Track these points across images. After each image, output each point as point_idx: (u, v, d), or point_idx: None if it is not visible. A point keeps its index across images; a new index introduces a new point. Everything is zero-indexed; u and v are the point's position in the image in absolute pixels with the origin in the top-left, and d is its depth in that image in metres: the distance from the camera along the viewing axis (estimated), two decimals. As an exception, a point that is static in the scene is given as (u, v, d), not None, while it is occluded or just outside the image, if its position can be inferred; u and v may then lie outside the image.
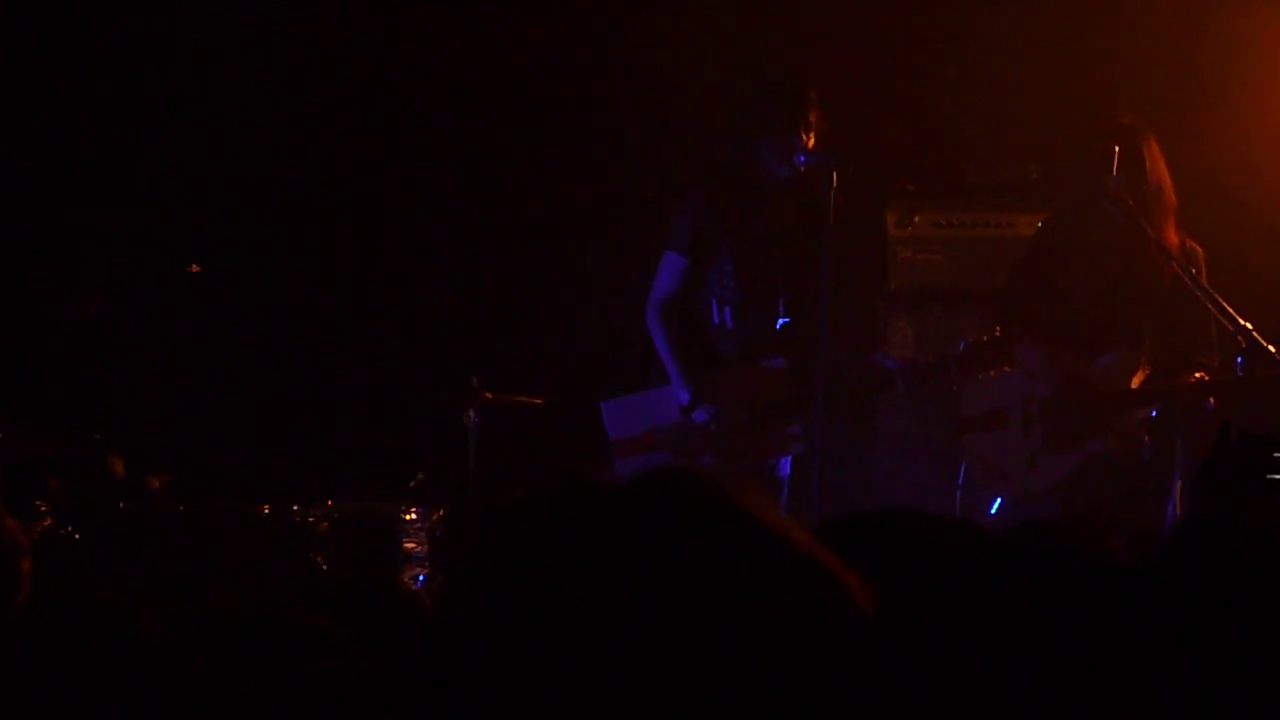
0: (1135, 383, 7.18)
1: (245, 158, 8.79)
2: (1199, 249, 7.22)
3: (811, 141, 7.05)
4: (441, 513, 7.37)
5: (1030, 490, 7.14)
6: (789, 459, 7.16)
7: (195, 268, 7.59)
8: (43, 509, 7.07)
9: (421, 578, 7.25)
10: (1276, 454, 3.38)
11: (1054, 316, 7.26)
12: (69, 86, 8.71)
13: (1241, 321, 6.90)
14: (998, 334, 7.01)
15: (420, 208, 9.06)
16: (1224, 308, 6.94)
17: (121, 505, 7.22)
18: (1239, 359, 6.92)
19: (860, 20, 8.78)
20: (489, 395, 7.48)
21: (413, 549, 7.38)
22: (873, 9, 8.81)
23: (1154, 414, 7.17)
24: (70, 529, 7.07)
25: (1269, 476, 3.37)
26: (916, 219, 8.40)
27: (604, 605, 1.53)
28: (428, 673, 1.62)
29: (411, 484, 7.65)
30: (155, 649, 2.88)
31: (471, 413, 7.43)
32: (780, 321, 7.19)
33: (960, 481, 7.34)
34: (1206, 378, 7.08)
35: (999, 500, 7.18)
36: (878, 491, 8.07)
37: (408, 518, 7.42)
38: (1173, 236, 7.17)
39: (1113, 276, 7.25)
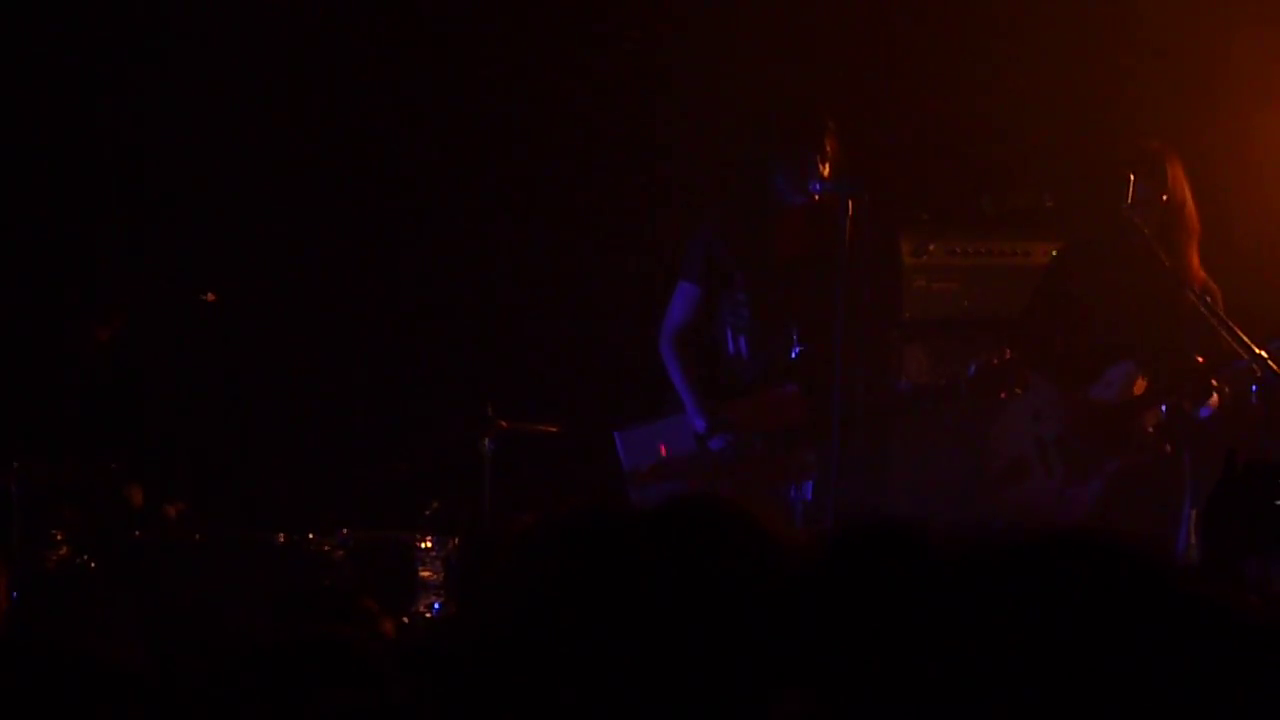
0: (1136, 391, 7.19)
1: (260, 186, 8.82)
2: (1215, 286, 7.21)
3: (827, 170, 7.04)
4: (457, 541, 7.37)
5: (1068, 522, 7.14)
6: (811, 482, 7.14)
7: (211, 296, 7.60)
8: (58, 538, 7.07)
9: (437, 605, 7.25)
10: None
11: (1068, 347, 7.26)
12: (87, 110, 8.74)
13: (1257, 350, 6.89)
14: (1007, 356, 7.01)
15: (436, 236, 9.07)
16: (1239, 337, 6.93)
17: (137, 534, 7.23)
18: (1254, 387, 6.91)
19: (876, 49, 8.79)
20: (504, 423, 7.48)
21: (428, 577, 7.37)
22: (888, 37, 8.81)
23: (1163, 410, 7.16)
24: (86, 558, 7.08)
25: (1276, 503, 3.51)
26: (931, 248, 8.39)
27: (627, 630, 1.53)
28: (458, 695, 1.62)
29: (427, 512, 7.65)
30: (137, 683, 2.86)
31: (487, 441, 7.43)
32: (794, 350, 7.19)
33: None
34: (1201, 362, 7.07)
35: None
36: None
37: (423, 546, 7.41)
38: (1196, 261, 7.17)
39: (1126, 306, 7.25)
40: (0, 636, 4.84)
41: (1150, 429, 7.18)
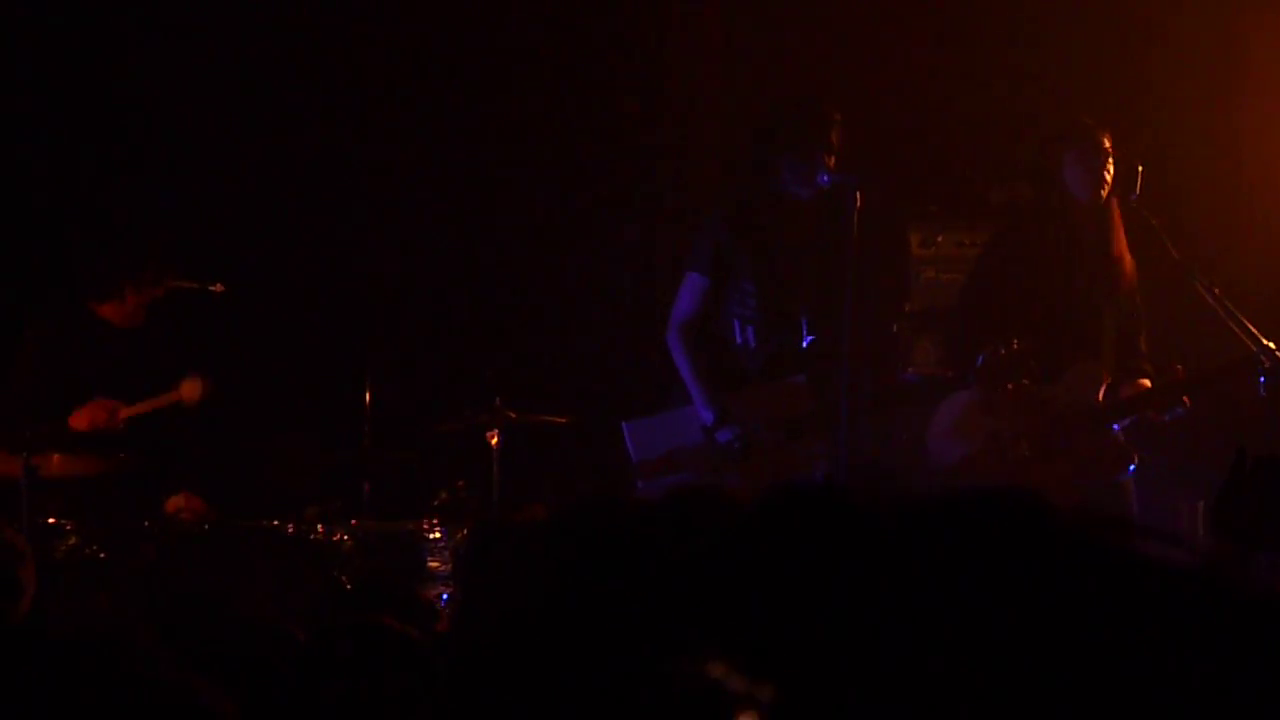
0: (1099, 395, 7.13)
1: (268, 177, 8.83)
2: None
3: (834, 162, 7.05)
4: (465, 531, 7.39)
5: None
6: (820, 473, 7.13)
7: (219, 286, 7.61)
8: (67, 528, 7.09)
9: (445, 596, 7.26)
10: None
11: (1016, 330, 7.16)
12: (96, 99, 8.76)
13: (1265, 341, 6.88)
14: (1015, 346, 6.99)
15: (445, 228, 9.08)
16: (1247, 327, 6.92)
17: (146, 524, 7.24)
18: (1261, 379, 6.90)
19: (883, 40, 8.79)
20: (512, 415, 7.50)
21: (436, 567, 7.39)
22: (896, 30, 8.81)
23: (1129, 421, 7.11)
24: (95, 548, 7.09)
25: None
26: (940, 239, 8.40)
27: (631, 628, 1.53)
28: (457, 693, 1.63)
29: (435, 502, 7.67)
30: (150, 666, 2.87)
31: (495, 432, 7.45)
32: (802, 341, 7.19)
33: None
34: (1181, 375, 7.04)
35: None
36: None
37: (431, 536, 7.43)
38: (1120, 236, 7.13)
39: (1072, 286, 7.19)
40: (24, 623, 4.86)
41: (1122, 439, 7.11)
